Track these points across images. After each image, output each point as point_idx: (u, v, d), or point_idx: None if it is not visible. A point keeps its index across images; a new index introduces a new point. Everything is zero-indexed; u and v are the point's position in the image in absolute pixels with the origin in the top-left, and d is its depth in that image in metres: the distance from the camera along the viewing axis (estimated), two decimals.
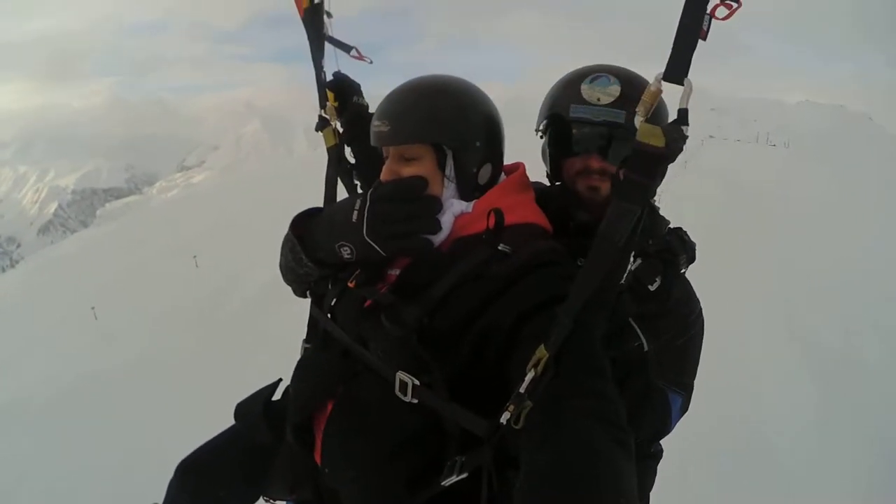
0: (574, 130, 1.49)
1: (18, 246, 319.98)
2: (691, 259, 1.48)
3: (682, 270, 1.47)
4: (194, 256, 18.01)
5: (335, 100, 1.67)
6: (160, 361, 10.61)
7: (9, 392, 10.62)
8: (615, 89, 1.42)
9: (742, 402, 6.19)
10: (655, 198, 1.28)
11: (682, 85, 0.98)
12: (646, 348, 1.38)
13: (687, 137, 1.03)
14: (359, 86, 1.72)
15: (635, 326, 1.37)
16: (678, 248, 1.43)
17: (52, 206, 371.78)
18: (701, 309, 1.60)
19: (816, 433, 5.77)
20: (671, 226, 1.57)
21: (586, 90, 1.44)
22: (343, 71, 1.73)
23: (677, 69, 0.98)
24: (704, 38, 0.95)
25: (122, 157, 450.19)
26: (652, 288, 1.32)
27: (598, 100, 1.42)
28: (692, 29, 0.95)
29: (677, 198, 17.63)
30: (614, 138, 1.44)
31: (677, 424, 1.63)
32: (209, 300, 13.73)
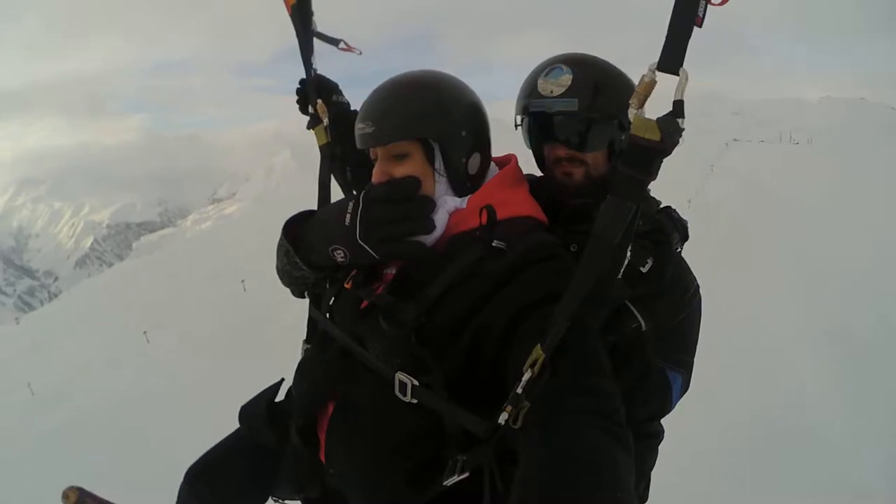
0: (537, 124, 1.55)
1: (56, 279, 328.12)
2: (684, 238, 1.51)
3: (678, 249, 1.50)
4: (242, 281, 18.43)
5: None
6: (213, 385, 10.79)
7: (66, 414, 11.07)
8: (566, 79, 1.45)
9: (776, 392, 6.37)
10: (688, 204, 1.54)
11: (678, 75, 0.94)
12: (643, 328, 1.36)
13: (683, 130, 0.98)
14: (337, 85, 1.74)
15: (632, 308, 1.36)
16: (669, 227, 1.46)
17: (88, 240, 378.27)
18: (698, 287, 1.60)
19: (848, 418, 5.95)
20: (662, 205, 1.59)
21: (541, 84, 1.49)
22: (333, 68, 1.74)
23: (672, 58, 0.93)
24: (700, 25, 0.91)
25: (155, 192, 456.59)
26: (643, 270, 1.33)
27: (552, 92, 1.46)
28: (687, 15, 0.91)
29: (707, 203, 17.76)
30: (570, 126, 1.48)
31: (716, 413, 1.65)
32: (258, 323, 14.00)
